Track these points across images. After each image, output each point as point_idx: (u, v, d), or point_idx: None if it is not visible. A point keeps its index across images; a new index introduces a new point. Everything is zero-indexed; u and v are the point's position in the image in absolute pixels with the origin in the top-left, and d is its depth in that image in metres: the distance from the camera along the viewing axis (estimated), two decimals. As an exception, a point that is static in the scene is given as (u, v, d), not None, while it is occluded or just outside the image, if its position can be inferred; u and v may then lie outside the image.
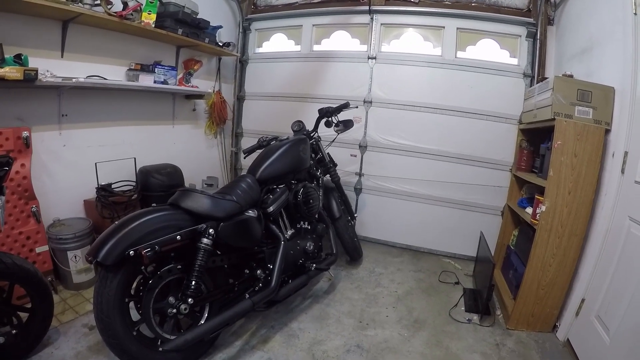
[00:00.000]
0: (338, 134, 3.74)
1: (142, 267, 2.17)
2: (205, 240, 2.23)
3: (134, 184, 3.65)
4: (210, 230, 2.25)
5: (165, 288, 2.26)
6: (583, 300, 2.75)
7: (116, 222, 2.13)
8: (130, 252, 1.97)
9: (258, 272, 2.67)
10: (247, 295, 2.51)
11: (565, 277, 2.89)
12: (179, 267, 2.27)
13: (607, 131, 2.74)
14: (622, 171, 2.51)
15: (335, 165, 3.84)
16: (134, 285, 2.23)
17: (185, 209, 2.28)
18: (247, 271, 2.68)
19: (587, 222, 2.80)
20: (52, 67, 2.98)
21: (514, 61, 4.23)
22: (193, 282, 2.21)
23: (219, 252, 2.48)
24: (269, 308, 2.84)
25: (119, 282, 2.05)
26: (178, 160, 4.12)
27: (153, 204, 2.33)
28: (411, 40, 4.53)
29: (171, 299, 2.22)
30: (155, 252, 2.02)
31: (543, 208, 2.82)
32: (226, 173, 5.48)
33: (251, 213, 2.54)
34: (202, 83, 4.69)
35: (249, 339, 2.71)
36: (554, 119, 2.79)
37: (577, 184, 2.75)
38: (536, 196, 2.98)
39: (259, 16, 5.20)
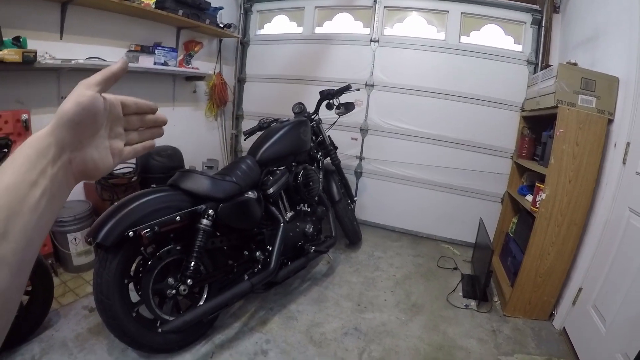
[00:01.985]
0: (339, 116, 3.72)
1: (142, 248, 2.18)
2: (204, 221, 2.24)
3: (133, 166, 3.65)
4: (210, 211, 2.26)
5: (164, 269, 2.27)
6: (580, 290, 2.76)
7: (116, 203, 2.13)
8: (130, 233, 1.98)
9: (257, 253, 2.67)
10: (246, 277, 2.53)
11: (563, 265, 2.89)
12: (178, 248, 2.28)
13: (610, 121, 2.73)
14: (624, 162, 2.50)
15: (335, 148, 3.83)
16: (134, 266, 2.24)
17: (185, 189, 2.28)
18: (246, 253, 2.69)
19: (587, 212, 2.80)
20: (51, 49, 2.96)
21: (518, 48, 4.18)
22: (192, 263, 2.21)
23: (218, 234, 2.49)
24: (268, 290, 2.85)
25: (119, 263, 2.07)
26: (178, 143, 4.08)
27: (152, 185, 2.33)
28: (414, 24, 4.48)
29: (170, 280, 2.23)
30: (155, 233, 2.03)
31: (543, 196, 2.81)
32: (226, 155, 5.47)
33: (251, 194, 2.53)
34: (202, 65, 4.67)
35: (247, 320, 2.73)
36: (556, 107, 2.77)
37: (578, 173, 2.74)
38: (536, 184, 2.97)
39: (261, -3, 5.15)
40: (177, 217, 2.16)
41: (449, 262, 3.93)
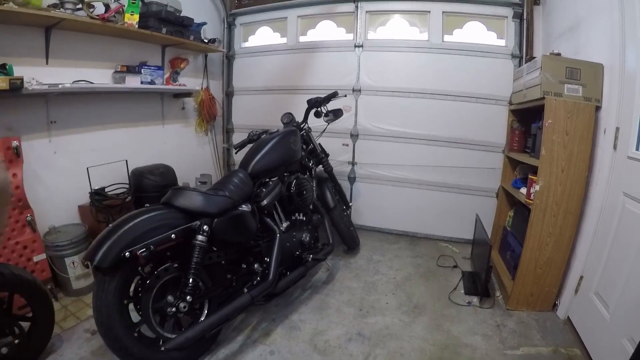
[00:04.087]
0: (328, 123, 3.70)
1: (139, 268, 2.17)
2: (200, 237, 2.23)
3: (127, 186, 3.63)
4: (205, 227, 2.25)
5: (163, 287, 2.25)
6: (581, 278, 2.76)
7: (110, 225, 2.12)
8: (126, 254, 1.97)
9: (255, 266, 2.67)
10: (246, 290, 2.52)
11: (562, 255, 2.90)
12: (176, 265, 2.27)
13: (598, 108, 2.73)
14: (615, 147, 2.51)
15: (327, 155, 3.82)
16: (133, 286, 2.22)
17: (179, 207, 2.27)
18: (244, 266, 2.68)
19: (582, 200, 2.81)
20: (38, 75, 2.94)
21: (502, 42, 4.20)
22: (190, 280, 2.20)
23: (215, 249, 2.47)
24: (268, 301, 2.84)
25: (117, 284, 2.05)
26: (170, 160, 4.08)
27: (146, 205, 2.32)
28: (397, 26, 4.50)
29: (170, 298, 2.21)
30: (151, 252, 2.02)
31: (537, 187, 2.82)
32: (219, 170, 5.45)
33: (245, 207, 2.53)
34: (189, 81, 4.67)
35: (250, 333, 2.72)
36: (543, 98, 2.78)
37: (569, 162, 2.75)
38: (530, 176, 2.98)
39: (243, 10, 5.17)
40: (173, 235, 2.15)
41: (449, 261, 3.92)
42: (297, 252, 3.03)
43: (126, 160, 3.65)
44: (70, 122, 3.41)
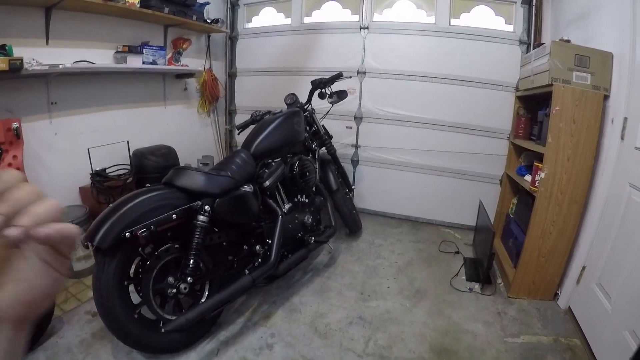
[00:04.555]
0: (332, 105, 3.64)
1: (140, 249, 2.16)
2: (201, 217, 2.21)
3: (128, 167, 3.63)
4: (206, 207, 2.23)
5: (164, 268, 2.24)
6: (584, 268, 2.75)
7: (110, 205, 2.11)
8: (126, 234, 1.96)
9: (257, 247, 2.66)
10: (247, 272, 2.50)
11: (565, 244, 2.87)
12: (177, 246, 2.26)
13: (606, 97, 2.69)
14: (622, 137, 2.47)
15: (330, 137, 3.78)
16: (133, 267, 2.22)
17: (180, 187, 2.25)
18: (245, 247, 2.67)
19: (587, 189, 2.77)
20: (38, 55, 2.90)
21: (510, 28, 4.14)
22: (191, 261, 2.19)
23: (216, 230, 2.46)
24: (269, 283, 2.84)
25: (117, 265, 2.05)
26: (172, 141, 4.10)
27: (147, 184, 2.30)
28: (404, 8, 4.42)
29: (170, 279, 2.20)
30: (151, 232, 2.00)
31: (542, 175, 2.79)
32: (221, 151, 5.44)
33: (247, 188, 2.51)
34: (192, 62, 4.62)
35: (251, 315, 2.72)
36: (551, 85, 2.73)
37: (576, 151, 2.72)
38: (535, 163, 2.95)
39: (248, -10, 5.09)
40: (174, 215, 2.13)
41: (451, 246, 3.91)
42: (299, 234, 3.01)
43: (127, 141, 3.64)
44: (71, 103, 3.39)
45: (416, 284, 3.21)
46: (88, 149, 3.33)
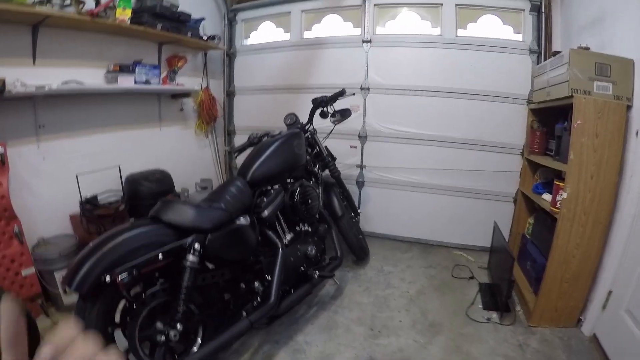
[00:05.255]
0: (335, 124, 3.47)
1: (124, 292, 1.94)
2: (190, 257, 1.98)
3: (120, 194, 3.46)
4: (196, 246, 2.01)
5: (152, 311, 2.02)
6: (610, 293, 2.57)
7: (90, 244, 1.90)
8: (106, 278, 1.74)
9: (256, 284, 2.43)
10: (245, 313, 2.28)
11: (589, 268, 2.70)
12: (164, 289, 2.04)
13: (629, 107, 2.55)
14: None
15: (334, 159, 3.59)
16: (120, 308, 2.01)
17: (167, 222, 2.04)
18: (243, 285, 2.45)
19: (612, 208, 2.60)
20: (24, 76, 2.78)
21: (519, 37, 4.01)
22: (181, 306, 1.96)
23: (210, 267, 2.26)
24: (270, 324, 2.62)
25: (99, 311, 1.84)
26: (168, 165, 3.92)
27: (131, 219, 2.09)
28: (407, 20, 4.30)
29: (159, 325, 1.98)
30: (133, 277, 1.79)
31: (564, 195, 2.60)
32: (221, 174, 5.29)
33: (242, 221, 2.31)
34: (188, 80, 4.47)
35: (251, 357, 2.50)
36: (571, 97, 2.57)
37: (599, 167, 2.54)
38: (555, 182, 2.76)
39: (245, 5, 4.98)
40: (160, 255, 1.91)
41: (464, 271, 3.70)
42: (302, 268, 2.80)
43: (119, 166, 3.48)
44: (60, 126, 3.25)
45: (430, 316, 2.99)
46: (77, 176, 3.17)
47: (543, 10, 3.80)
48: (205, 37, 4.33)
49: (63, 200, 3.22)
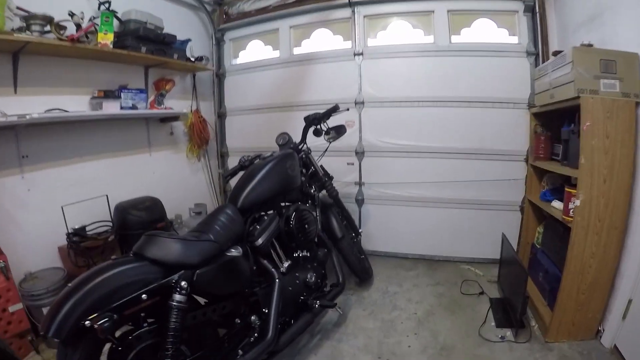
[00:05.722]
0: (330, 142, 3.34)
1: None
2: (177, 297, 1.80)
3: (110, 224, 3.34)
4: (183, 283, 1.82)
5: (140, 354, 1.85)
6: (630, 302, 2.44)
7: (69, 285, 1.73)
8: (86, 323, 1.58)
9: (252, 318, 2.25)
10: (240, 352, 2.11)
11: (607, 276, 2.56)
12: (151, 331, 1.86)
13: (637, 104, 2.44)
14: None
15: (331, 178, 3.44)
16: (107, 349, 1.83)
17: (151, 259, 1.87)
18: (238, 320, 2.27)
19: (627, 212, 2.47)
20: (5, 105, 2.74)
21: (514, 39, 3.91)
22: (169, 349, 1.78)
23: (203, 301, 2.09)
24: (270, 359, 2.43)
25: (81, 356, 1.67)
26: (160, 191, 3.81)
27: (113, 257, 1.92)
28: (399, 30, 4.20)
29: None
30: (114, 322, 1.62)
31: (577, 202, 2.46)
32: (216, 197, 5.17)
33: (234, 252, 2.13)
34: (177, 103, 4.37)
35: (251, 396, 2.32)
36: (578, 97, 2.45)
37: (612, 170, 2.42)
38: (566, 188, 2.62)
39: (232, 25, 4.89)
40: (144, 295, 1.75)
41: (473, 287, 3.54)
42: (302, 297, 2.63)
43: (106, 195, 3.36)
44: (44, 155, 3.17)
45: (441, 339, 2.81)
46: (62, 207, 3.06)
47: (537, 11, 3.72)
48: (192, 59, 4.25)
49: (50, 231, 3.11)
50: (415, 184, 4.20)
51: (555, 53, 3.04)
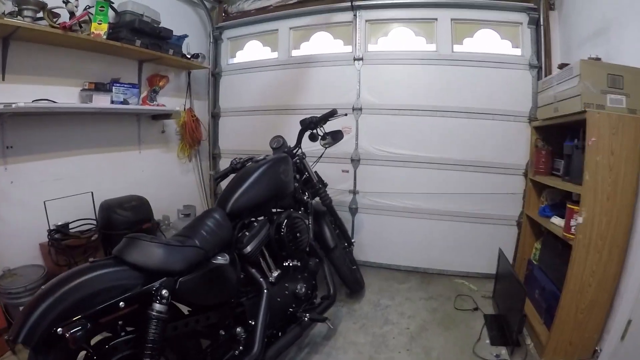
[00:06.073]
0: (326, 148, 3.27)
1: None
2: (157, 306, 1.67)
3: (94, 222, 3.24)
4: (164, 292, 1.70)
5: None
6: (630, 322, 2.33)
7: (43, 287, 1.61)
8: (59, 330, 1.46)
9: (237, 330, 2.14)
10: None
11: (606, 296, 2.49)
12: (128, 341, 1.73)
13: None
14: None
15: (325, 185, 3.37)
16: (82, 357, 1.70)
17: (131, 263, 1.75)
18: (222, 332, 2.15)
19: (629, 230, 2.41)
20: None
21: (517, 52, 3.88)
22: None
23: (185, 309, 1.98)
24: None
25: (52, 367, 1.54)
26: (148, 190, 3.71)
27: (91, 259, 1.80)
28: (401, 36, 4.16)
29: None
30: (88, 331, 1.50)
31: (580, 219, 2.39)
32: (206, 199, 5.06)
33: (221, 260, 2.02)
34: (170, 101, 4.28)
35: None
36: (584, 112, 2.38)
37: (616, 187, 2.36)
38: (568, 205, 2.55)
39: (231, 23, 4.85)
40: (121, 303, 1.62)
41: (468, 302, 3.46)
42: (291, 309, 2.53)
43: (92, 192, 3.28)
44: (30, 147, 3.08)
45: (434, 356, 2.72)
46: (44, 202, 2.98)
47: (542, 23, 3.69)
48: (188, 55, 4.17)
49: (32, 227, 3.03)
50: (411, 195, 4.14)
51: (562, 66, 2.99)
